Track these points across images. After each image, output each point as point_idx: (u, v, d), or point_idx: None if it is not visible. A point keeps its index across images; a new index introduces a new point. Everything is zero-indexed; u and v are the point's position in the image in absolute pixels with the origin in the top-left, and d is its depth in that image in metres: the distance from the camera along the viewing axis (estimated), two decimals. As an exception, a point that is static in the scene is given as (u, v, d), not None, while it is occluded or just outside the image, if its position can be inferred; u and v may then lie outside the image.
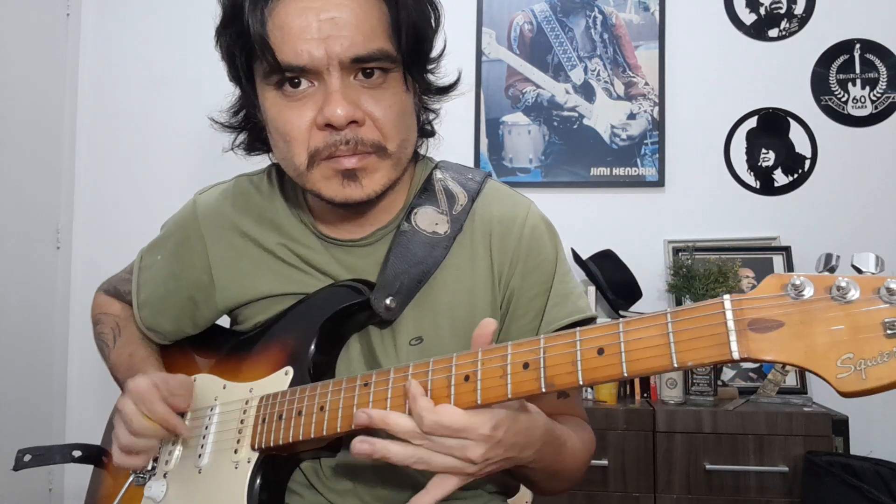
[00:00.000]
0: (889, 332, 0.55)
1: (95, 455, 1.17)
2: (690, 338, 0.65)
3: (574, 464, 0.97)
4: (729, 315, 0.63)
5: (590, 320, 1.02)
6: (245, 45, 0.91)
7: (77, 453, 1.14)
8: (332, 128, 0.89)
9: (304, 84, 0.90)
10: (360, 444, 0.80)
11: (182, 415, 1.04)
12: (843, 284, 0.57)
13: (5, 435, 2.32)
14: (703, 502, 1.97)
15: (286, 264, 1.06)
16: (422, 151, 1.11)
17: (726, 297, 0.63)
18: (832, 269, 0.60)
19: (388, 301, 0.98)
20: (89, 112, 2.74)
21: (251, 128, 1.06)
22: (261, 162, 1.12)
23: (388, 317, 0.99)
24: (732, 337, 0.63)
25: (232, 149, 1.08)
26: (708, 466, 1.95)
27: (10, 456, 1.11)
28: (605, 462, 2.00)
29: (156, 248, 1.19)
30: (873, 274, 0.58)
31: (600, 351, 0.70)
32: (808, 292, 0.59)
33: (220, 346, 1.14)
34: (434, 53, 1.02)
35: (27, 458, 1.10)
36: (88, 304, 1.32)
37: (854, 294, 0.57)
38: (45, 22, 2.58)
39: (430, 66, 1.03)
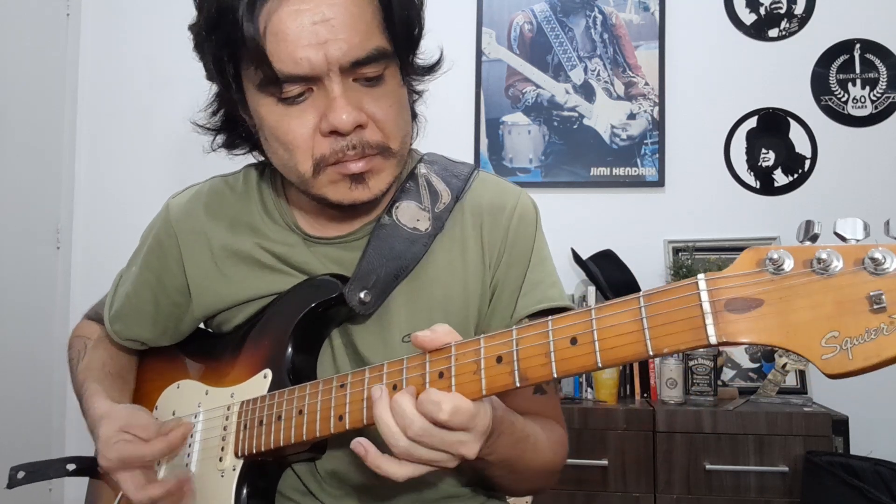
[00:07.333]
0: (875, 306, 0.51)
1: (90, 467, 1.13)
2: (665, 322, 0.61)
3: (536, 461, 0.92)
4: (704, 296, 0.59)
5: (562, 310, 0.97)
6: (234, 53, 0.88)
7: (71, 466, 1.11)
8: (337, 134, 0.87)
9: (303, 89, 0.87)
10: (357, 446, 0.77)
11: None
12: (824, 256, 0.53)
13: (5, 434, 2.32)
14: (703, 502, 1.96)
15: (263, 266, 1.04)
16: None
17: (701, 276, 0.59)
18: (814, 239, 0.56)
19: (361, 295, 0.96)
20: (89, 112, 2.74)
21: (231, 126, 1.03)
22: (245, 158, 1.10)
23: (361, 311, 0.96)
24: (709, 320, 0.58)
25: (213, 150, 1.06)
26: (708, 466, 1.94)
27: (10, 455, 1.10)
28: (604, 462, 1.99)
29: (131, 262, 1.16)
30: (858, 242, 0.53)
31: (573, 341, 0.67)
32: (788, 266, 0.55)
33: (202, 350, 1.12)
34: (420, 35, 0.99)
35: (20, 474, 1.07)
36: (89, 305, 1.30)
37: (837, 266, 0.53)
38: (45, 22, 2.59)
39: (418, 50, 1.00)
